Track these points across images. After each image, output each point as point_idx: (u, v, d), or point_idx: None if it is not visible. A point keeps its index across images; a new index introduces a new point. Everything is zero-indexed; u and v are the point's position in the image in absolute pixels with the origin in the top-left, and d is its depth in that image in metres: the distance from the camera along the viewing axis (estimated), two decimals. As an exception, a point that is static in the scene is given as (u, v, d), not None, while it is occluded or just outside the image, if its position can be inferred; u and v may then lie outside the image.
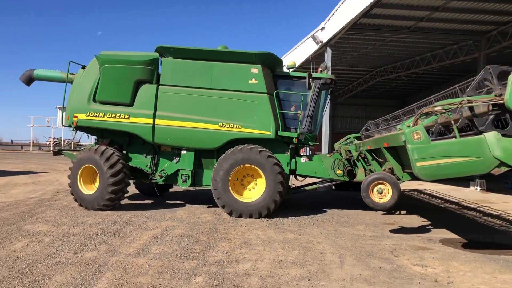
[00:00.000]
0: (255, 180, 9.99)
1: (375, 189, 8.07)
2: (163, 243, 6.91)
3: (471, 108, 6.77)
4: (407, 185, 19.09)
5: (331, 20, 16.95)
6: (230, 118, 10.14)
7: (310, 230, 8.43)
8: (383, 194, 8.01)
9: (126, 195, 10.53)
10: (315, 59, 21.24)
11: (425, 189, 17.19)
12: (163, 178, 10.72)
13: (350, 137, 13.51)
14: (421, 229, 8.98)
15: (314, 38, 17.96)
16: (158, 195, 12.54)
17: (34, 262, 5.65)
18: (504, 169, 6.28)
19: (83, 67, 11.13)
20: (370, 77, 28.22)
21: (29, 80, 11.89)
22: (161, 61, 10.54)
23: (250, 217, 9.51)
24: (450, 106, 6.96)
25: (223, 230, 8.08)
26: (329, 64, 17.32)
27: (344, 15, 15.70)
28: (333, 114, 34.95)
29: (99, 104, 10.48)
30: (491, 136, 6.23)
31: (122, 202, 10.53)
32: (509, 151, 6.12)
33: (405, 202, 13.53)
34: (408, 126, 7.05)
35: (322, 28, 17.60)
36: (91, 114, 10.42)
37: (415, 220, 10.07)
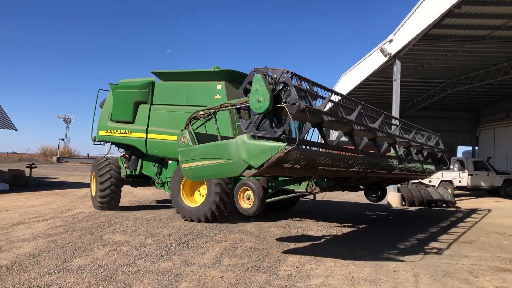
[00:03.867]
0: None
1: (244, 195, 8.18)
2: (234, 256, 7.05)
3: (238, 111, 6.87)
4: (479, 203, 18.10)
5: (400, 31, 16.62)
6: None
7: (381, 246, 8.23)
8: (250, 200, 8.08)
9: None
10: (383, 72, 20.92)
11: (491, 209, 16.19)
12: (159, 185, 12.26)
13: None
14: (502, 249, 8.47)
15: (382, 50, 17.66)
16: None
17: (115, 270, 5.97)
18: (253, 171, 6.23)
19: None
20: (441, 88, 27.03)
21: None
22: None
23: (200, 221, 10.14)
24: (211, 110, 7.52)
25: (292, 245, 8.09)
26: (398, 76, 16.99)
27: (413, 27, 15.34)
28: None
29: (114, 123, 12.69)
30: (240, 139, 6.29)
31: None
32: (253, 153, 6.08)
33: (485, 221, 12.82)
34: (182, 130, 7.59)
35: (391, 40, 17.29)
36: (109, 131, 12.77)
37: (494, 240, 9.52)
